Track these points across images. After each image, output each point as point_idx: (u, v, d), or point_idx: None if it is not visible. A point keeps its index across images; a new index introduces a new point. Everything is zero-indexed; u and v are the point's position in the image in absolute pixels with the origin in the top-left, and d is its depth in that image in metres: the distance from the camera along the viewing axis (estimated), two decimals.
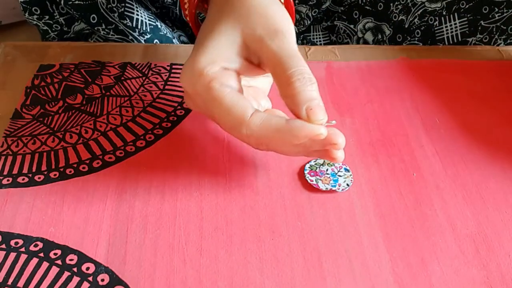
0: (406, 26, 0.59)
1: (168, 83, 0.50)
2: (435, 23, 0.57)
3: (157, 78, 0.50)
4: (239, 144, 0.44)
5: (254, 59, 0.39)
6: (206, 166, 0.42)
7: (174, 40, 0.61)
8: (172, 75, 0.51)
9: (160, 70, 0.51)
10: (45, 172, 0.41)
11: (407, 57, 0.54)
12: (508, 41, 0.57)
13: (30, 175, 0.41)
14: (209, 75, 0.36)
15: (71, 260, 0.36)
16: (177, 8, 0.61)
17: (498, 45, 0.57)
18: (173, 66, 0.52)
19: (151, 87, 0.49)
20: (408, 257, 0.37)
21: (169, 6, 0.61)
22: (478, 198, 0.40)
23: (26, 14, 0.59)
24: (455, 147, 0.44)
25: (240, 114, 0.36)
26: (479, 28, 0.57)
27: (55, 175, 0.41)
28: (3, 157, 0.43)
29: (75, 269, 0.35)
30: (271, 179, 0.41)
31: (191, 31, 0.64)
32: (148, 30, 0.58)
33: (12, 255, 0.36)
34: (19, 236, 0.37)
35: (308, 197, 0.40)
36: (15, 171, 0.42)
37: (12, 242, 0.37)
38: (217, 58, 0.37)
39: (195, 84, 0.37)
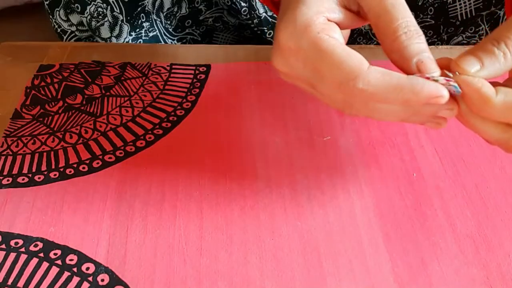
0: (420, 3, 0.58)
1: (168, 83, 0.50)
2: (449, 0, 0.57)
3: (157, 78, 0.50)
4: (239, 144, 0.44)
5: (354, 6, 0.35)
6: (206, 166, 0.42)
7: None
8: (172, 75, 0.51)
9: (160, 70, 0.51)
10: (45, 172, 0.41)
11: None
12: None
13: (30, 175, 0.41)
14: (316, 26, 0.33)
15: (71, 260, 0.36)
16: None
17: None
18: (173, 66, 0.52)
19: (151, 87, 0.49)
20: (408, 257, 0.37)
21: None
22: (478, 198, 0.40)
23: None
24: (455, 147, 0.44)
25: (357, 65, 0.32)
26: (493, 0, 0.56)
27: (55, 175, 0.41)
28: (3, 157, 0.43)
29: (75, 269, 0.35)
30: (271, 179, 0.41)
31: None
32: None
33: (12, 255, 0.36)
34: (19, 236, 0.37)
35: (308, 197, 0.40)
36: (15, 171, 0.42)
37: (12, 242, 0.37)
38: (321, 8, 0.34)
39: (299, 38, 0.33)
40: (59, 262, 0.36)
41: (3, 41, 0.55)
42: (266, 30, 0.60)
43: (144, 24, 0.58)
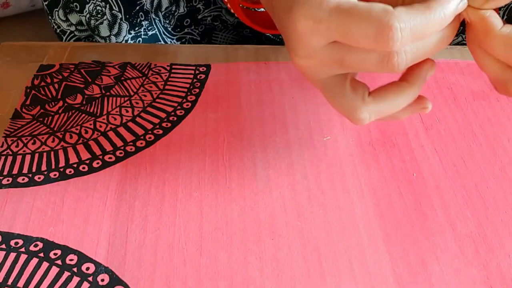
0: None
1: (168, 83, 0.50)
2: None
3: (157, 78, 0.50)
4: (239, 144, 0.44)
5: None
6: (206, 166, 0.42)
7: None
8: (172, 75, 0.51)
9: (160, 70, 0.51)
10: (45, 172, 0.41)
11: None
12: None
13: (30, 175, 0.41)
14: None
15: (71, 260, 0.36)
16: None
17: None
18: (173, 66, 0.52)
19: (151, 87, 0.49)
20: (408, 257, 0.37)
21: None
22: (478, 198, 0.40)
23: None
24: (455, 147, 0.44)
25: (384, 9, 0.30)
26: None
27: (55, 175, 0.41)
28: (3, 157, 0.43)
29: (75, 269, 0.35)
30: (271, 179, 0.41)
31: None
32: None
33: (12, 255, 0.36)
34: (19, 236, 0.37)
35: (308, 197, 0.40)
36: (15, 171, 0.42)
37: (12, 242, 0.37)
38: None
39: (318, 11, 0.32)
40: (59, 262, 0.36)
41: (3, 41, 0.55)
42: None
43: (143, 23, 0.58)
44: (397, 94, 0.35)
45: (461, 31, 0.59)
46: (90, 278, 0.35)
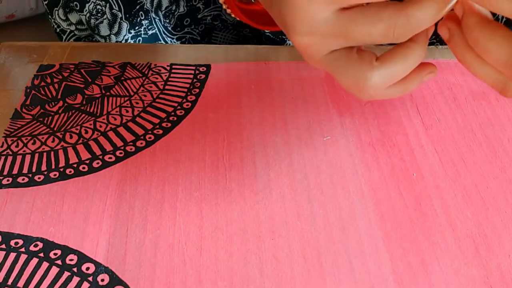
0: None
1: (168, 83, 0.50)
2: None
3: (157, 78, 0.50)
4: (239, 144, 0.44)
5: None
6: (206, 166, 0.42)
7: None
8: (172, 75, 0.51)
9: (160, 70, 0.51)
10: (45, 172, 0.42)
11: None
12: None
13: (30, 175, 0.41)
14: None
15: (71, 260, 0.36)
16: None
17: None
18: (173, 66, 0.52)
19: (151, 87, 0.49)
20: (408, 257, 0.37)
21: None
22: (478, 198, 0.40)
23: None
24: (455, 147, 0.44)
25: None
26: None
27: (55, 175, 0.41)
28: (3, 157, 0.43)
29: (75, 269, 0.35)
30: (271, 179, 0.41)
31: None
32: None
33: (12, 255, 0.36)
34: (19, 236, 0.37)
35: (308, 197, 0.40)
36: (15, 171, 0.42)
37: (12, 242, 0.37)
38: None
39: None
40: (59, 262, 0.36)
41: (3, 41, 0.55)
42: None
43: (143, 22, 0.58)
44: (405, 54, 0.34)
45: None
46: (90, 278, 0.35)
